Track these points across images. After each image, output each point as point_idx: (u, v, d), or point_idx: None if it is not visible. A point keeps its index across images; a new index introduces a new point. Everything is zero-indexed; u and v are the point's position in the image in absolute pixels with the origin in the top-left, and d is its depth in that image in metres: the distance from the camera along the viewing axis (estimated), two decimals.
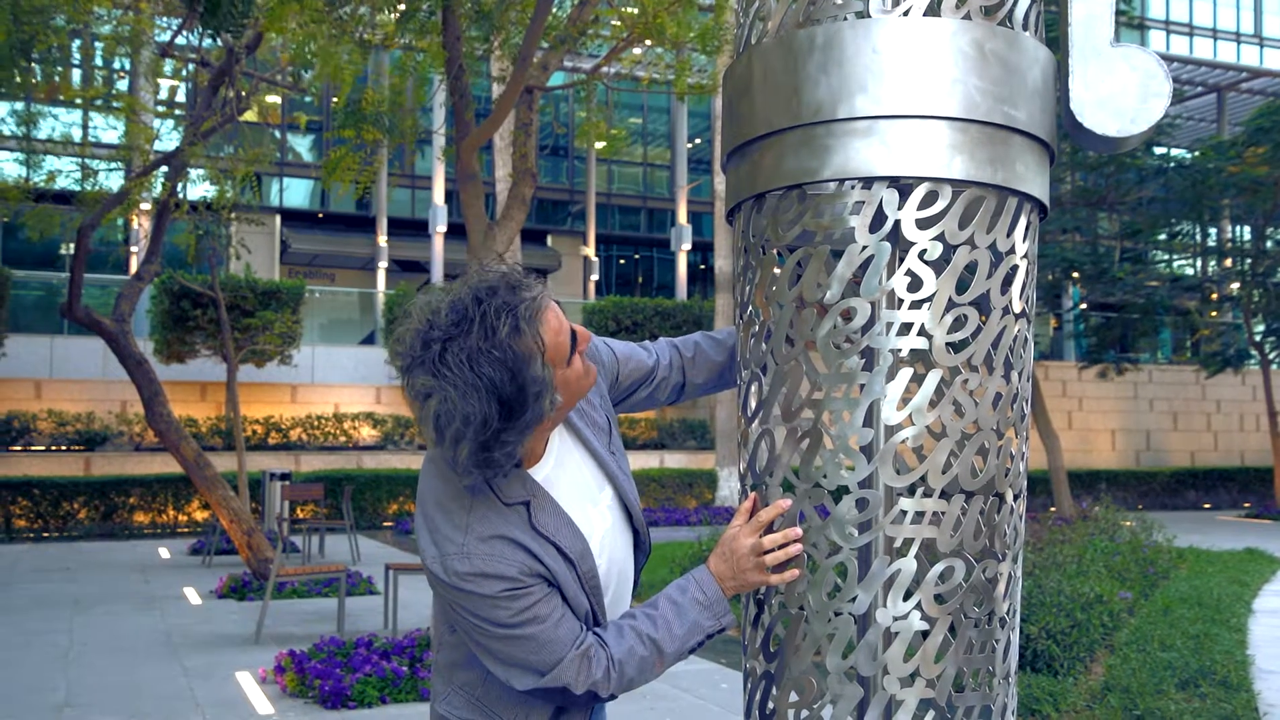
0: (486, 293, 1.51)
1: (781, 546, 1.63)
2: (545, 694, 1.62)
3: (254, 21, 8.53)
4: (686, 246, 27.21)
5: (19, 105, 11.35)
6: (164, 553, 13.80)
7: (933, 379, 1.56)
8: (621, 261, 31.86)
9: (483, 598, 1.55)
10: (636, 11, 8.50)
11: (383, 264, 25.91)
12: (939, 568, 1.58)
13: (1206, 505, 24.55)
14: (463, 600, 1.57)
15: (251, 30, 9.54)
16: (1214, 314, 25.09)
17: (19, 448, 17.44)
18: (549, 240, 29.28)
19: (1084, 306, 24.12)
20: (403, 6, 8.35)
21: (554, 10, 8.12)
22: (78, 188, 11.06)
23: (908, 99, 1.51)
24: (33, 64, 10.58)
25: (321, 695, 5.86)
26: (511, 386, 1.48)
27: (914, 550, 1.57)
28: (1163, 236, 22.42)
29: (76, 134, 13.83)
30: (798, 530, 1.62)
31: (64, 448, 17.74)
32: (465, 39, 7.67)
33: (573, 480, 1.71)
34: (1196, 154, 19.36)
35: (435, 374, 1.48)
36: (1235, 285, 22.42)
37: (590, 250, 28.09)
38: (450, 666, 1.76)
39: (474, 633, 1.61)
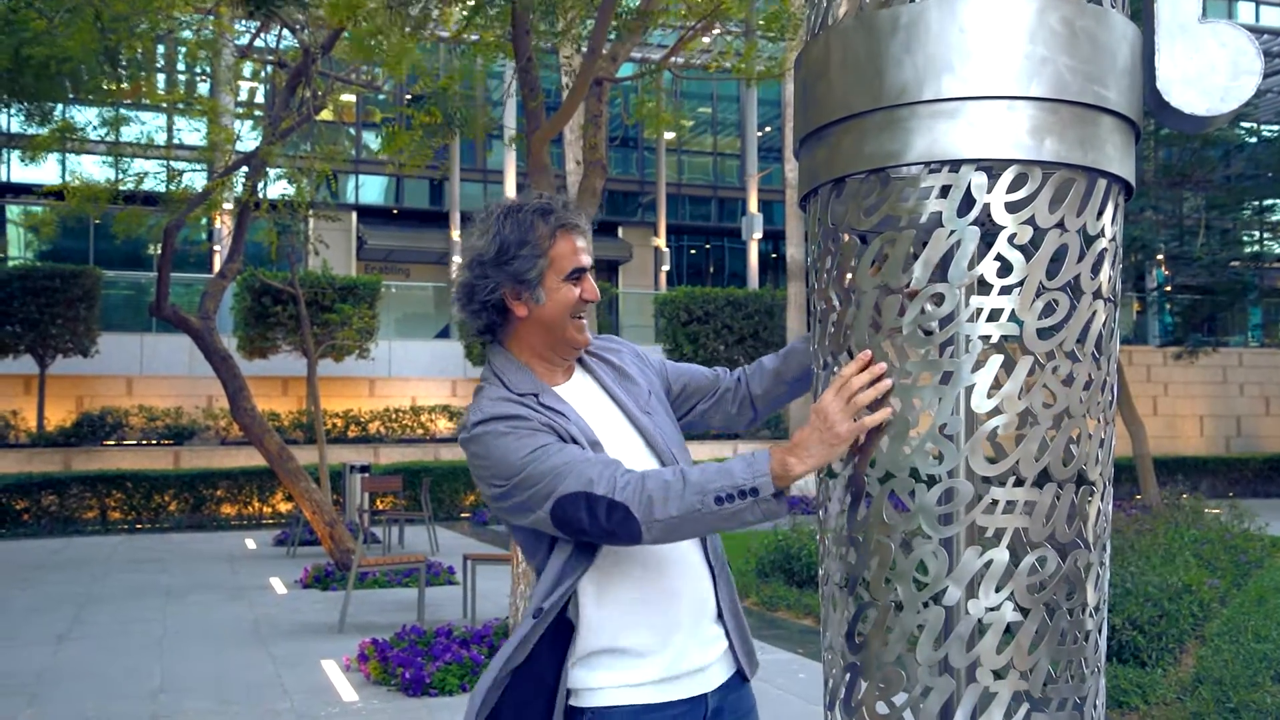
0: (549, 200, 1.92)
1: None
2: (567, 509, 1.72)
3: (326, 23, 8.68)
4: (758, 235, 27.04)
5: (107, 110, 11.68)
6: (250, 544, 14.17)
7: (1024, 365, 1.53)
8: (692, 252, 31.80)
9: (500, 436, 1.79)
10: None
11: (456, 258, 26.16)
12: (1030, 558, 1.55)
13: None
14: (483, 455, 1.81)
15: (326, 30, 9.71)
16: None
17: (112, 442, 18.04)
18: (620, 232, 29.33)
19: (1168, 289, 23.40)
20: (471, 1, 8.41)
21: (622, 0, 8.11)
22: (163, 189, 11.38)
23: (996, 79, 1.48)
24: (119, 70, 10.89)
25: (403, 683, 5.97)
26: (513, 241, 1.86)
27: (1006, 540, 1.54)
28: (1248, 213, 21.62)
29: (161, 137, 14.22)
30: (883, 365, 1.60)
31: (154, 442, 18.31)
32: (534, 31, 7.70)
33: (592, 409, 1.93)
34: None
35: (481, 220, 1.93)
36: None
37: (661, 241, 28.08)
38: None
39: (508, 487, 1.78)
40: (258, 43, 12.36)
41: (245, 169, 10.96)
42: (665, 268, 28.08)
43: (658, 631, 1.84)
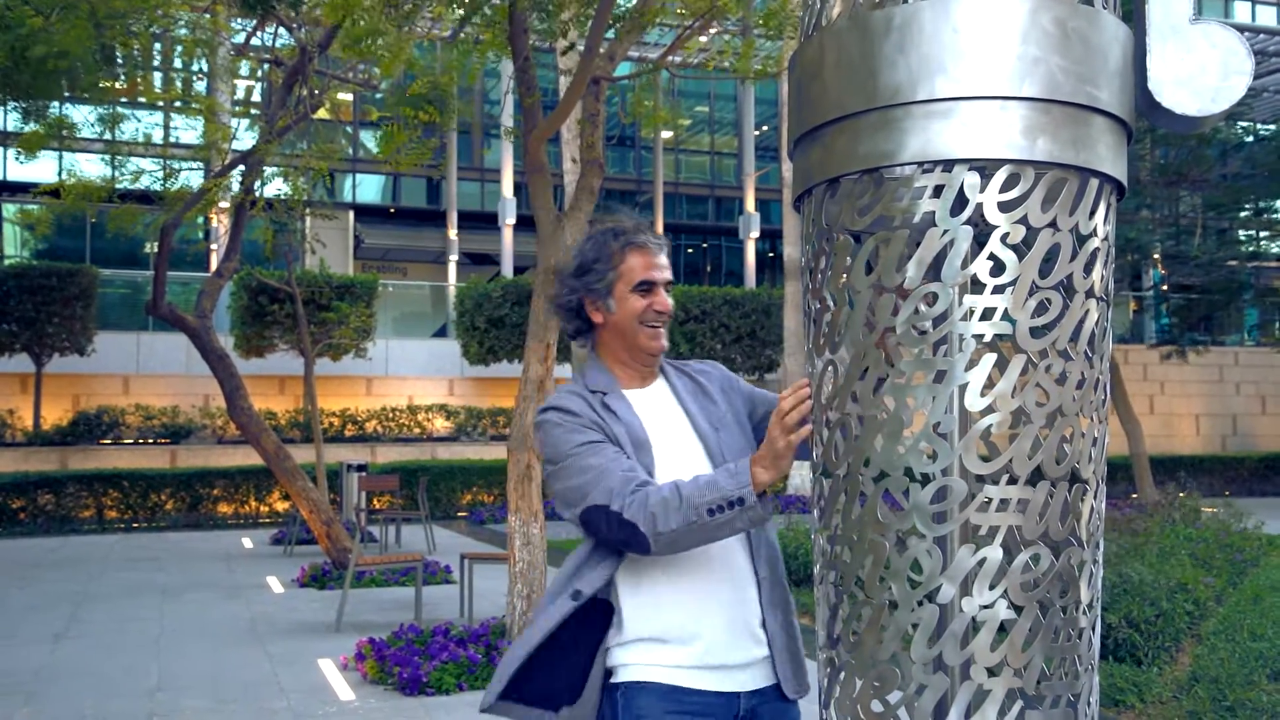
0: (624, 224, 2.19)
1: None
2: (592, 518, 1.95)
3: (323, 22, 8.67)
4: (755, 234, 27.06)
5: (103, 108, 11.67)
6: (246, 542, 14.16)
7: (1017, 364, 1.53)
8: (689, 250, 31.82)
9: (555, 426, 2.04)
10: None
11: (453, 257, 26.21)
12: (1024, 556, 1.55)
13: None
14: (542, 440, 2.08)
15: (321, 28, 9.71)
16: None
17: (109, 441, 18.03)
18: None
19: (1164, 288, 23.42)
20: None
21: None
22: (160, 187, 11.37)
23: (989, 79, 1.48)
24: (116, 68, 10.87)
25: (400, 682, 5.97)
26: (590, 257, 2.15)
27: (999, 538, 1.55)
28: (1244, 213, 21.62)
29: (157, 135, 14.20)
30: (806, 391, 1.80)
31: (151, 441, 18.30)
32: (530, 29, 7.69)
33: (658, 414, 2.14)
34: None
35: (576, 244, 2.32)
36: None
37: None
38: None
39: (553, 471, 2.03)
40: (254, 41, 12.35)
41: (242, 167, 10.95)
42: None
43: (688, 623, 1.97)
